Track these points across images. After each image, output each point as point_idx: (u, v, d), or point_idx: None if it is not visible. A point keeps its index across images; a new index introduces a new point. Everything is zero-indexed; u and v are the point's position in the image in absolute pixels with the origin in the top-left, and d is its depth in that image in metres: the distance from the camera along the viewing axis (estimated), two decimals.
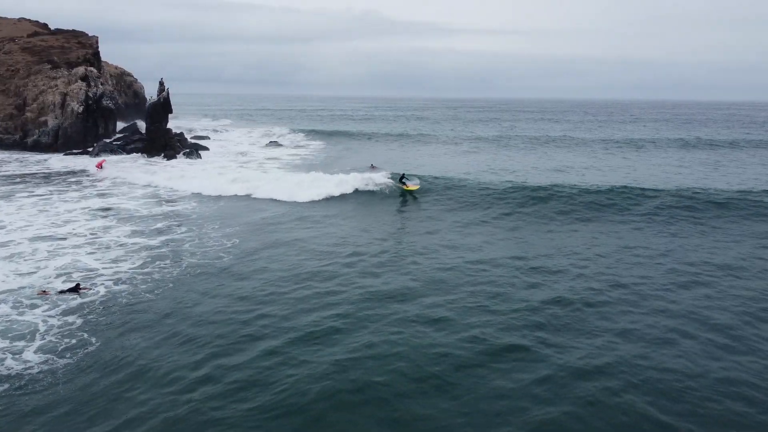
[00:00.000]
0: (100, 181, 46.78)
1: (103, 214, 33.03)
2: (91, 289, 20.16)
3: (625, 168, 55.14)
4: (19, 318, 17.23)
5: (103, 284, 20.61)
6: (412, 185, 38.61)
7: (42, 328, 16.62)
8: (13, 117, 72.89)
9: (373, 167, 55.47)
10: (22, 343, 15.57)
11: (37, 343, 15.65)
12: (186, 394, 12.91)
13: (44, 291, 19.63)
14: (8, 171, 51.69)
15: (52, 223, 30.24)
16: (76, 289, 19.81)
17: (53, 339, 15.95)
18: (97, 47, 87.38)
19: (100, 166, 52.86)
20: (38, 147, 68.20)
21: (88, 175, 49.73)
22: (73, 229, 29.11)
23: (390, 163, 58.56)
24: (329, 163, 60.39)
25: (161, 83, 71.14)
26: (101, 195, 39.86)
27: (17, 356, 14.85)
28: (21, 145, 68.96)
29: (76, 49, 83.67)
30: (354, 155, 66.26)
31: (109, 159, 59.25)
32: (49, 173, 50.75)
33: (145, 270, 22.47)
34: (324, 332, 15.89)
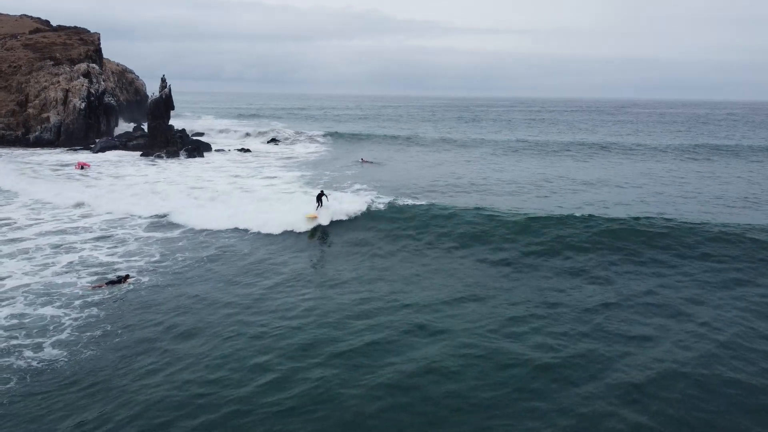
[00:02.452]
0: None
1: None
2: (133, 276, 20.83)
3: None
4: (44, 312, 17.57)
5: (133, 276, 21.18)
6: (313, 213, 28.26)
7: (66, 321, 16.94)
8: (15, 113, 73.05)
9: (363, 161, 57.06)
10: (43, 338, 15.86)
11: (62, 335, 15.95)
12: (209, 386, 13.23)
13: (97, 285, 20.00)
14: (17, 167, 51.96)
15: (68, 217, 30.54)
16: (124, 280, 20.34)
17: (76, 332, 16.27)
18: (99, 44, 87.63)
19: (80, 166, 51.08)
20: (40, 143, 68.43)
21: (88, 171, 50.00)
22: (87, 223, 29.42)
23: (382, 159, 59.70)
24: (326, 160, 60.85)
25: (163, 80, 71.30)
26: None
27: (43, 348, 15.20)
28: (23, 142, 69.13)
29: (78, 45, 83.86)
30: (352, 153, 66.33)
31: (109, 156, 59.57)
32: (57, 168, 50.98)
33: (165, 263, 22.75)
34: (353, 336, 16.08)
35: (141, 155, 61.32)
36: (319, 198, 28.86)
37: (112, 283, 20.17)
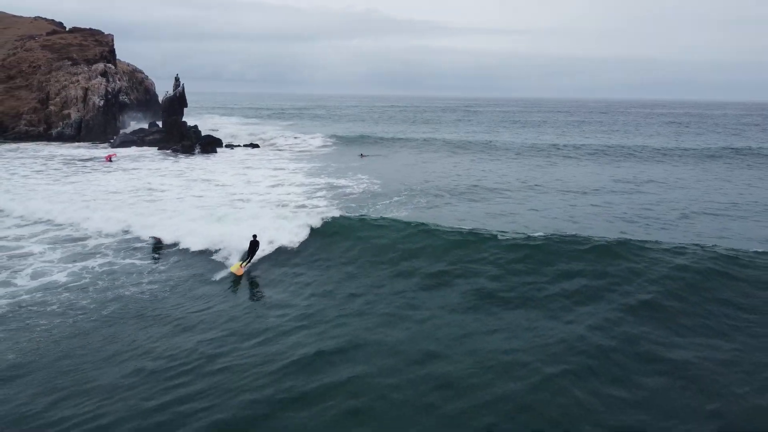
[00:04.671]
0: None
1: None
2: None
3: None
4: (132, 261, 22.44)
5: None
6: (240, 264, 21.14)
7: (155, 267, 21.93)
8: (37, 110, 77.55)
9: (362, 156, 62.25)
10: (140, 279, 20.57)
11: (154, 276, 20.75)
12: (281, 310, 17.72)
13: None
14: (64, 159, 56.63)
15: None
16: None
17: (166, 274, 20.97)
18: (113, 45, 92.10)
19: (109, 158, 55.79)
20: (62, 138, 72.90)
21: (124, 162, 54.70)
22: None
23: (379, 155, 64.21)
24: (329, 155, 65.47)
25: (177, 79, 76.16)
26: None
27: (142, 284, 19.89)
28: (45, 137, 73.55)
29: (94, 46, 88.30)
30: (353, 150, 70.24)
31: (130, 151, 64.18)
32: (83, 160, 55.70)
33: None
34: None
35: (158, 149, 65.83)
36: (252, 247, 21.56)
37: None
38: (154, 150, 65.65)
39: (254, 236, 21.69)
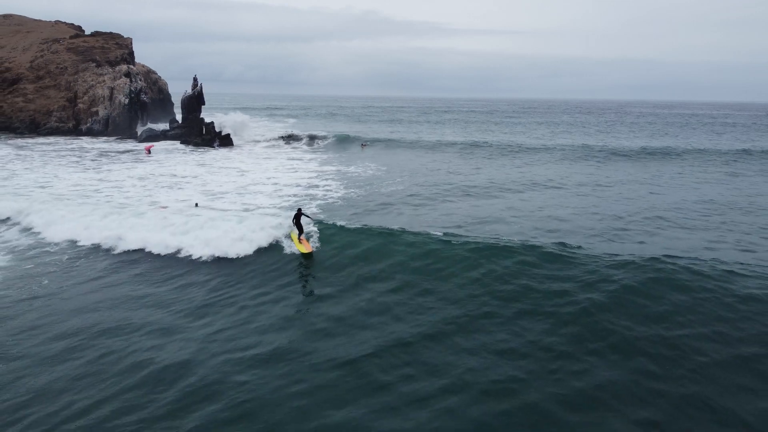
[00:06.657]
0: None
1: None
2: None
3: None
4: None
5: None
6: (305, 245, 21.42)
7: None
8: (66, 108, 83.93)
9: (363, 146, 68.69)
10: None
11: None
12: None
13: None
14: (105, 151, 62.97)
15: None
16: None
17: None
18: (132, 48, 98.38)
19: (148, 150, 62.38)
20: (91, 133, 79.27)
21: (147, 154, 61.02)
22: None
23: (378, 148, 70.08)
24: (334, 147, 71.63)
25: (195, 79, 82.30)
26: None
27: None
28: (75, 132, 79.91)
29: (115, 49, 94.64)
30: (353, 144, 75.54)
31: (162, 145, 70.53)
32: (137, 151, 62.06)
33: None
34: None
35: (181, 143, 72.12)
36: (297, 219, 21.86)
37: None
38: (178, 143, 71.97)
39: (299, 209, 22.29)
